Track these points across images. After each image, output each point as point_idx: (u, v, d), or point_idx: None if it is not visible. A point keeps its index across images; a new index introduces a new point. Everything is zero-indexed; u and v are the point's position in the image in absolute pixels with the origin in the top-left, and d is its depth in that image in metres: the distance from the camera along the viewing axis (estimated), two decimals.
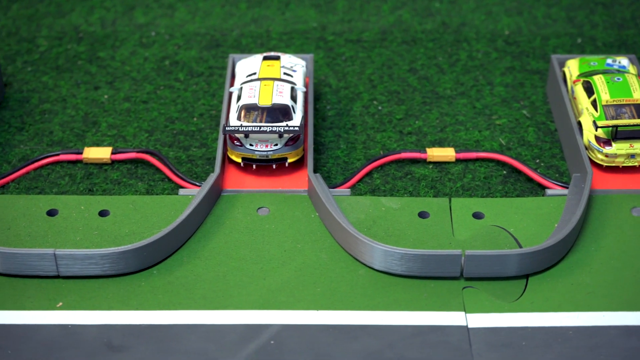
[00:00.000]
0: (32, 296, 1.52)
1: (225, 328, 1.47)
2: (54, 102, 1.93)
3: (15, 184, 1.73)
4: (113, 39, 2.12)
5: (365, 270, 1.56)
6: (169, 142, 1.83)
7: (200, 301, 1.51)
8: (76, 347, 1.45)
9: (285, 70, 1.80)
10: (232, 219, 1.64)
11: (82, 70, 2.02)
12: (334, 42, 2.10)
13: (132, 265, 1.54)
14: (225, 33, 2.13)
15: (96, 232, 1.62)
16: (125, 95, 1.95)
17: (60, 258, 1.52)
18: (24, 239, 1.61)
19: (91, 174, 1.76)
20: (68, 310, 1.50)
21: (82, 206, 1.67)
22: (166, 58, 2.06)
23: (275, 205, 1.66)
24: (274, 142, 1.69)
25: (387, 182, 1.73)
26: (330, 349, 1.44)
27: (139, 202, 1.67)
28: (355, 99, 1.94)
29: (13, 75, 2.00)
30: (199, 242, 1.60)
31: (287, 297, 1.51)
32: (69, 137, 1.84)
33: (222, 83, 1.98)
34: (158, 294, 1.52)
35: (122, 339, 1.46)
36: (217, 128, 1.86)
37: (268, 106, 1.70)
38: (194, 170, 1.76)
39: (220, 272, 1.55)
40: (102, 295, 1.52)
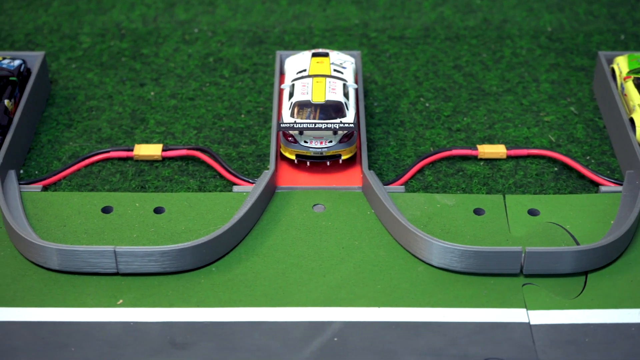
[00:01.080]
0: (92, 293, 1.52)
1: (287, 325, 1.47)
2: (100, 99, 1.93)
3: (67, 181, 1.73)
4: (155, 35, 2.11)
5: (424, 267, 1.55)
6: (218, 139, 1.83)
7: (261, 298, 1.51)
8: (139, 344, 1.44)
9: (335, 67, 1.80)
10: (288, 216, 1.64)
11: (126, 67, 2.02)
12: (377, 38, 2.10)
13: (192, 262, 1.54)
14: (267, 30, 2.13)
15: (152, 229, 1.62)
16: (171, 92, 1.95)
17: (121, 255, 1.52)
18: (80, 236, 1.60)
19: (142, 171, 1.75)
20: (129, 307, 1.50)
21: (136, 203, 1.67)
22: (210, 55, 2.06)
23: (331, 202, 1.66)
24: (328, 139, 1.68)
25: (439, 179, 1.73)
26: (394, 345, 1.44)
27: (193, 199, 1.67)
28: (402, 95, 1.93)
29: (58, 72, 2.00)
30: (256, 239, 1.60)
31: (347, 294, 1.51)
32: (118, 134, 1.84)
33: (267, 80, 1.98)
34: (218, 291, 1.52)
35: (185, 336, 1.46)
36: (265, 125, 1.86)
37: (321, 103, 1.70)
38: (245, 167, 1.76)
39: (280, 269, 1.55)
40: (162, 292, 1.52)
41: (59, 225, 1.62)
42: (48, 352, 1.43)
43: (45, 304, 1.50)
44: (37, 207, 1.66)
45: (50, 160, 1.78)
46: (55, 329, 1.47)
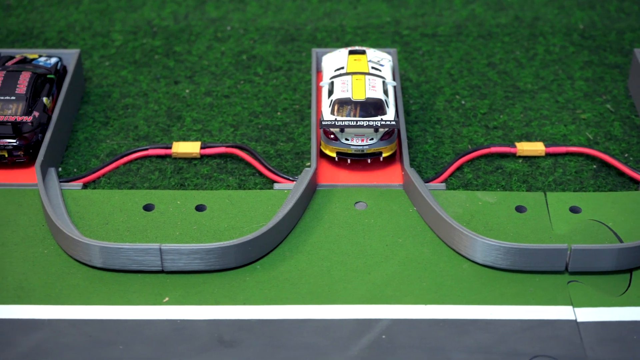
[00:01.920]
0: (137, 291, 1.52)
1: (335, 323, 1.47)
2: (135, 97, 1.93)
3: (106, 178, 1.73)
4: (188, 33, 2.11)
5: (468, 264, 1.55)
6: (255, 137, 1.82)
7: (307, 296, 1.50)
8: (188, 342, 1.44)
9: (372, 65, 1.80)
10: (330, 213, 1.64)
11: (159, 64, 2.02)
12: (409, 36, 2.10)
13: (237, 260, 1.54)
14: (299, 27, 2.13)
15: (195, 227, 1.61)
16: (206, 89, 1.95)
17: (166, 253, 1.51)
18: (123, 234, 1.60)
19: (181, 168, 1.75)
20: (175, 305, 1.49)
21: (177, 201, 1.66)
22: (243, 52, 2.05)
23: (372, 199, 1.66)
24: (369, 136, 1.68)
25: (479, 176, 1.73)
26: (443, 343, 1.44)
27: (234, 196, 1.67)
28: (437, 93, 1.93)
29: (91, 70, 2.00)
30: (299, 237, 1.60)
31: (393, 292, 1.51)
32: (155, 131, 1.84)
33: (301, 77, 1.98)
34: (264, 288, 1.52)
35: (233, 333, 1.45)
36: (302, 122, 1.86)
37: (362, 100, 1.70)
38: (283, 164, 1.76)
39: (324, 267, 1.55)
40: (207, 290, 1.52)
41: (101, 223, 1.62)
42: (96, 350, 1.43)
43: (91, 302, 1.50)
44: (78, 204, 1.65)
45: (88, 158, 1.77)
46: (102, 327, 1.46)
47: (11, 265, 1.55)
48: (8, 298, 1.50)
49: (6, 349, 1.43)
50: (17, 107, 1.71)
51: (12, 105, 1.71)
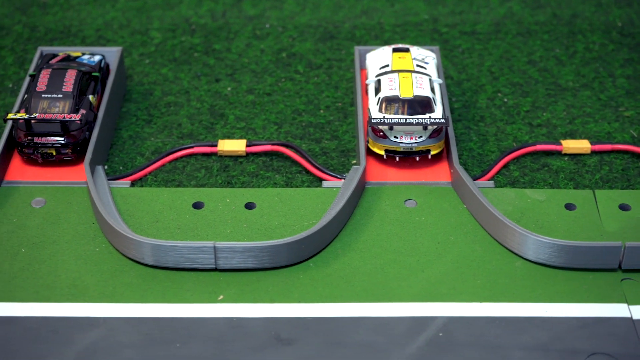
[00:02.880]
0: (192, 289, 1.51)
1: (391, 320, 1.47)
2: (177, 95, 1.92)
3: (153, 176, 1.72)
4: (226, 31, 2.11)
5: (521, 262, 1.55)
6: (299, 135, 1.82)
7: (361, 294, 1.50)
8: (245, 340, 1.44)
9: (417, 62, 1.79)
10: (380, 211, 1.64)
11: (199, 62, 2.02)
12: (448, 34, 2.10)
13: (290, 257, 1.53)
14: (337, 25, 2.13)
15: (246, 225, 1.61)
16: (248, 87, 1.94)
17: (220, 251, 1.51)
18: (173, 232, 1.60)
19: (227, 166, 1.75)
20: (230, 303, 1.49)
21: (227, 199, 1.66)
22: (282, 50, 2.05)
23: (422, 197, 1.66)
24: (418, 134, 1.68)
25: (525, 174, 1.73)
26: (500, 340, 1.44)
27: (283, 194, 1.67)
28: (479, 91, 1.93)
29: (132, 68, 2.00)
30: (351, 235, 1.60)
31: (448, 290, 1.51)
32: (199, 129, 1.84)
33: (342, 75, 1.98)
34: (318, 286, 1.52)
35: (290, 331, 1.45)
36: (345, 120, 1.85)
37: (410, 98, 1.70)
38: (329, 162, 1.76)
39: (378, 265, 1.55)
40: (261, 288, 1.51)
41: (152, 221, 1.62)
42: (154, 348, 1.43)
43: (145, 300, 1.50)
44: (127, 202, 1.65)
45: (133, 156, 1.77)
46: (158, 325, 1.46)
47: (63, 263, 1.55)
48: (62, 296, 1.50)
49: (64, 347, 1.43)
50: (64, 105, 1.71)
51: (59, 103, 1.71)
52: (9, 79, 1.96)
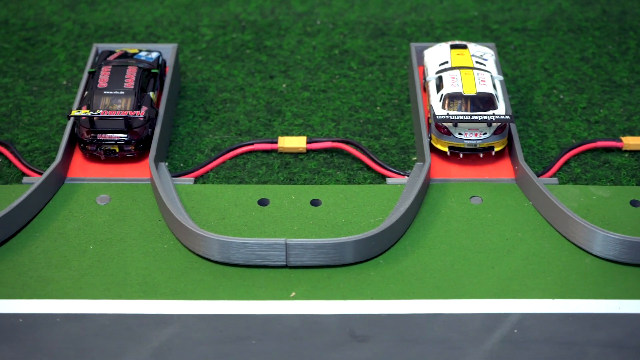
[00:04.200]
0: (263, 286, 1.51)
1: (465, 317, 1.47)
2: (232, 91, 1.92)
3: (214, 173, 1.72)
4: (276, 27, 2.11)
5: (590, 258, 1.55)
6: (358, 131, 1.82)
7: (433, 290, 1.50)
8: (320, 337, 1.44)
9: (476, 59, 1.79)
10: (446, 208, 1.63)
11: (252, 59, 2.01)
12: (499, 30, 2.09)
13: (361, 254, 1.53)
14: (387, 22, 2.12)
15: (313, 222, 1.61)
16: (302, 84, 1.94)
17: (292, 247, 1.51)
18: (241, 229, 1.60)
19: (288, 163, 1.75)
20: (303, 300, 1.49)
21: (292, 195, 1.66)
22: (334, 47, 2.05)
23: (486, 194, 1.66)
24: (482, 130, 1.68)
25: (587, 170, 1.73)
26: (575, 337, 1.44)
27: (348, 191, 1.67)
28: (534, 87, 1.93)
29: (184, 64, 1.99)
30: (418, 232, 1.59)
31: (519, 286, 1.51)
32: (257, 126, 1.83)
33: (396, 72, 1.98)
34: (390, 283, 1.52)
35: (365, 328, 1.45)
36: (403, 117, 1.85)
37: (473, 95, 1.70)
38: (390, 159, 1.75)
39: (448, 262, 1.55)
40: (333, 285, 1.51)
41: (218, 217, 1.62)
42: (229, 345, 1.43)
43: (217, 297, 1.49)
44: (192, 199, 1.65)
45: (193, 153, 1.77)
46: (232, 322, 1.46)
47: (133, 260, 1.55)
48: (133, 293, 1.50)
49: (139, 344, 1.43)
50: (126, 101, 1.71)
51: (121, 100, 1.71)
52: (63, 76, 1.96)
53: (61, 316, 1.47)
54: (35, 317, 1.47)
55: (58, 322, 1.46)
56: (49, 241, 1.58)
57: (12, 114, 1.86)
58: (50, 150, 1.77)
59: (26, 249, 1.56)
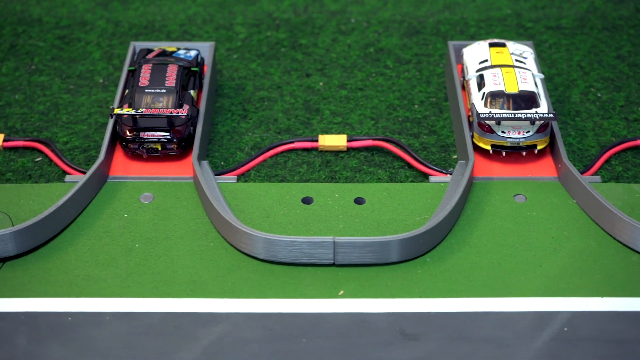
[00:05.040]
0: (311, 284, 1.51)
1: (514, 315, 1.47)
2: (269, 90, 1.92)
3: (255, 171, 1.72)
4: (310, 26, 2.10)
5: (637, 257, 1.55)
6: (397, 130, 1.82)
7: (481, 289, 1.50)
8: (370, 335, 1.44)
9: (515, 57, 1.79)
10: (490, 206, 1.63)
11: (287, 57, 2.01)
12: (533, 29, 2.09)
13: (409, 253, 1.53)
14: (421, 20, 2.12)
15: (357, 220, 1.61)
16: (339, 82, 1.94)
17: (339, 246, 1.51)
18: (286, 227, 1.60)
19: (329, 161, 1.75)
20: (351, 298, 1.49)
21: (335, 194, 1.66)
22: (369, 45, 2.05)
23: (530, 192, 1.66)
24: (526, 129, 1.68)
25: (628, 168, 1.73)
26: (626, 335, 1.44)
27: (392, 189, 1.67)
28: (571, 86, 1.93)
29: (220, 63, 1.99)
30: (464, 230, 1.59)
31: (567, 284, 1.51)
32: (295, 124, 1.83)
33: (432, 70, 1.97)
34: (437, 281, 1.51)
35: (415, 326, 1.45)
36: (441, 115, 1.85)
37: (515, 93, 1.70)
38: (430, 157, 1.75)
39: (494, 260, 1.55)
40: (381, 283, 1.51)
41: (263, 216, 1.62)
42: (280, 343, 1.43)
43: (265, 295, 1.49)
44: (236, 198, 1.65)
45: (233, 151, 1.77)
46: (281, 321, 1.46)
47: (179, 259, 1.55)
48: (181, 292, 1.50)
49: (189, 343, 1.43)
50: (167, 100, 1.71)
51: (163, 98, 1.71)
52: (99, 74, 1.96)
53: (110, 314, 1.47)
54: (85, 315, 1.47)
55: (107, 320, 1.46)
56: (94, 239, 1.58)
57: (50, 112, 1.86)
58: (90, 149, 1.77)
59: (72, 247, 1.56)
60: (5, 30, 2.08)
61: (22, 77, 1.95)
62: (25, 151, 1.77)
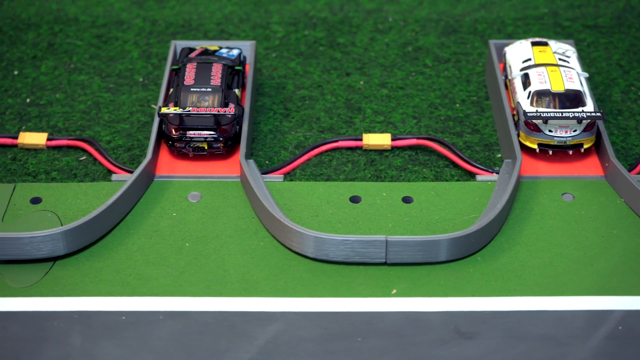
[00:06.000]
0: (363, 283, 1.51)
1: (568, 314, 1.47)
2: (310, 89, 1.92)
3: (300, 170, 1.72)
4: (347, 24, 2.10)
5: None
6: (440, 129, 1.82)
7: (534, 287, 1.50)
8: (425, 334, 1.44)
9: (558, 56, 1.79)
10: (539, 205, 1.63)
11: (326, 56, 2.01)
12: (571, 27, 2.09)
13: (457, 252, 1.53)
14: (458, 19, 2.12)
15: (406, 219, 1.61)
16: (380, 81, 1.94)
17: (392, 245, 1.51)
18: (335, 226, 1.60)
19: (373, 160, 1.75)
20: (404, 297, 1.49)
21: (383, 193, 1.66)
22: (407, 44, 2.05)
23: (577, 191, 1.66)
24: (573, 127, 1.68)
25: None
26: None
27: (439, 188, 1.67)
28: (612, 84, 1.93)
29: (259, 61, 1.99)
30: (513, 229, 1.59)
31: (620, 283, 1.51)
32: (338, 123, 1.83)
33: (471, 69, 1.97)
34: (489, 280, 1.52)
35: (469, 325, 1.45)
36: (483, 114, 1.85)
37: (561, 92, 1.70)
38: (475, 156, 1.75)
39: (546, 258, 1.55)
40: (433, 281, 1.51)
41: (312, 215, 1.62)
42: (335, 342, 1.43)
43: (318, 294, 1.49)
44: (284, 196, 1.65)
45: (277, 150, 1.77)
46: (336, 319, 1.46)
47: (230, 258, 1.55)
48: (234, 290, 1.50)
49: (244, 341, 1.43)
50: (213, 98, 1.70)
51: (209, 97, 1.71)
52: (138, 73, 1.96)
53: (164, 314, 1.47)
54: (138, 314, 1.47)
55: (161, 319, 1.46)
56: (144, 238, 1.58)
57: (92, 111, 1.86)
58: (134, 148, 1.77)
59: (122, 246, 1.56)
60: (42, 29, 2.08)
61: (61, 76, 1.95)
62: (69, 150, 1.76)
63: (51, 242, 1.52)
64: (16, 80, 1.93)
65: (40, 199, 1.64)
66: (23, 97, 1.89)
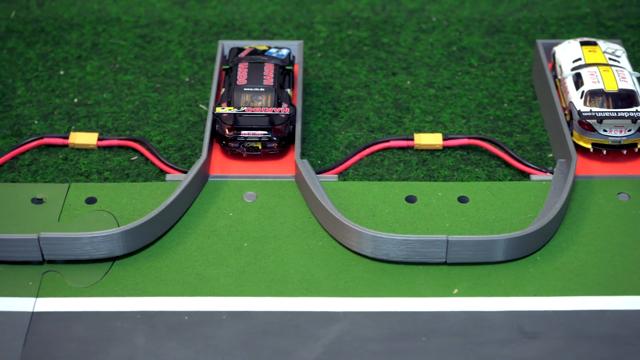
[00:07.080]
0: (424, 283, 1.51)
1: (631, 313, 1.47)
2: (357, 88, 1.92)
3: (353, 169, 1.72)
4: (391, 24, 2.10)
5: None
6: (489, 128, 1.82)
7: (595, 287, 1.50)
8: (489, 334, 1.44)
9: (608, 56, 1.79)
10: (595, 204, 1.63)
11: (371, 55, 2.01)
12: (614, 27, 2.09)
13: (515, 252, 1.53)
14: (500, 19, 2.12)
15: (463, 219, 1.61)
16: (426, 81, 1.94)
17: (452, 244, 1.51)
18: (392, 226, 1.60)
19: (425, 160, 1.75)
20: (466, 297, 1.49)
21: (439, 192, 1.66)
22: (452, 44, 2.05)
23: (633, 190, 1.66)
24: (627, 127, 1.68)
25: None
26: None
27: (494, 187, 1.67)
28: None
29: (305, 61, 1.99)
30: (570, 228, 1.59)
31: None
32: (388, 123, 1.83)
33: (517, 69, 1.97)
34: (550, 279, 1.52)
35: (532, 324, 1.45)
36: (532, 113, 1.85)
37: (615, 92, 1.70)
38: (526, 156, 1.75)
39: (605, 258, 1.55)
40: (494, 281, 1.51)
41: (368, 214, 1.62)
42: (400, 342, 1.43)
43: (379, 294, 1.49)
44: (339, 196, 1.65)
45: (329, 149, 1.77)
46: (398, 319, 1.46)
47: (289, 257, 1.55)
48: (295, 290, 1.50)
49: (309, 341, 1.43)
50: (266, 98, 1.70)
51: (262, 97, 1.71)
52: (184, 72, 1.96)
53: (227, 314, 1.47)
54: (201, 314, 1.47)
55: (224, 319, 1.46)
56: (202, 238, 1.58)
57: (140, 111, 1.86)
58: (185, 147, 1.77)
59: (181, 247, 1.56)
60: (85, 29, 2.08)
61: (107, 75, 1.95)
62: (119, 150, 1.76)
63: (110, 243, 1.52)
64: (62, 80, 1.93)
65: (96, 199, 1.64)
66: (70, 97, 1.89)
